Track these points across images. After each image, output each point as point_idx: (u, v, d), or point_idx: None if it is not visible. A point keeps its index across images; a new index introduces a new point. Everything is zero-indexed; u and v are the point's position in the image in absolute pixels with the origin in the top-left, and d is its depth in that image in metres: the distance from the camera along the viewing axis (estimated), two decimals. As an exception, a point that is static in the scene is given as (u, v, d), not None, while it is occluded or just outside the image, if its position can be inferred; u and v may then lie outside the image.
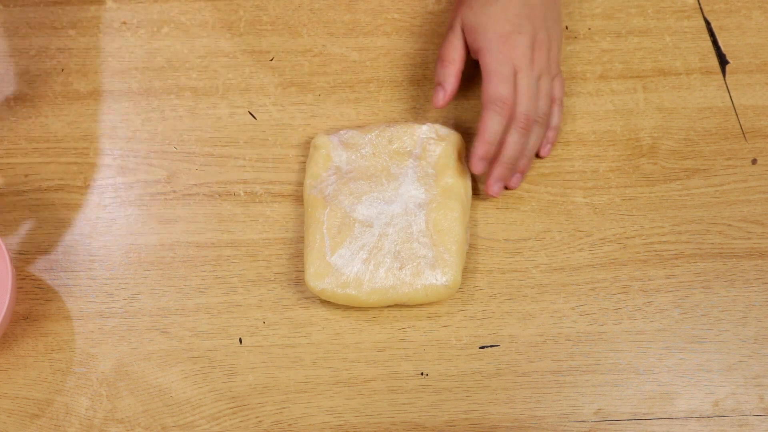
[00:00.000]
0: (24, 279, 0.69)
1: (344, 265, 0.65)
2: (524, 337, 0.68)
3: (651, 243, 0.70)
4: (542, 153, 0.72)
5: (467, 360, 0.67)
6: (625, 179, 0.73)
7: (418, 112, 0.75)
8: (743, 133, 0.75)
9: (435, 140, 0.70)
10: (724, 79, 0.76)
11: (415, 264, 0.65)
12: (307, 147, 0.74)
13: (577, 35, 0.78)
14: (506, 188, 0.71)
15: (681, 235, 0.71)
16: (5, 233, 0.71)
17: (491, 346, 0.68)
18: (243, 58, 0.77)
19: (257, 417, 0.65)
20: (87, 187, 0.73)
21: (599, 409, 0.66)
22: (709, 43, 0.78)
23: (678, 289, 0.69)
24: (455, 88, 0.70)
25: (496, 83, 0.67)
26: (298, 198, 0.72)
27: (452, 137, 0.70)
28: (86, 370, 0.67)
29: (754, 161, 0.74)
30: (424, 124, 0.70)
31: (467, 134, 0.73)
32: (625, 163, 0.73)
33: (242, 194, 0.72)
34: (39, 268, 0.70)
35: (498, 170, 0.69)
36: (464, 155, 0.71)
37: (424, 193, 0.68)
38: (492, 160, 0.69)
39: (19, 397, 0.66)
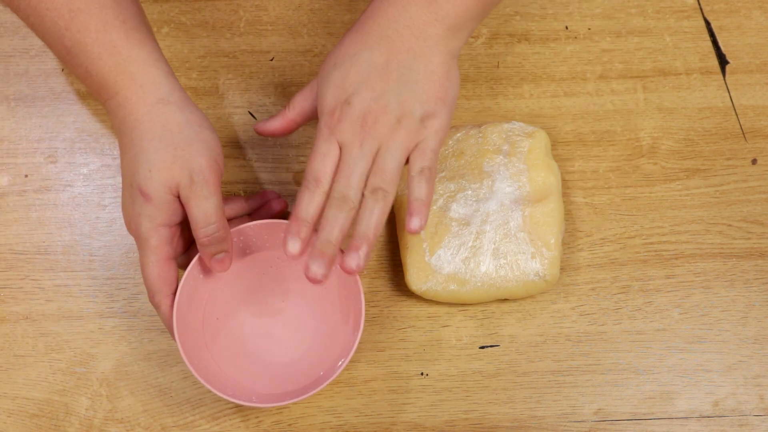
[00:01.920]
0: (24, 279, 0.69)
1: (445, 265, 0.66)
2: (524, 337, 0.68)
3: (651, 243, 0.70)
4: (408, 227, 0.59)
5: (467, 360, 0.67)
6: (625, 179, 0.73)
7: (418, 112, 0.75)
8: (743, 133, 0.75)
9: (522, 136, 0.70)
10: (724, 79, 0.76)
11: (514, 259, 0.66)
12: (306, 147, 0.74)
13: (577, 35, 0.78)
14: (347, 272, 0.58)
15: (681, 235, 0.71)
16: (5, 233, 0.71)
17: (491, 346, 0.68)
18: (243, 58, 0.77)
19: (257, 417, 0.65)
20: (87, 187, 0.73)
21: (599, 409, 0.66)
22: (709, 43, 0.78)
23: (678, 289, 0.69)
24: (276, 129, 0.65)
25: (311, 160, 0.59)
26: (298, 198, 0.72)
27: (538, 133, 0.70)
28: (86, 370, 0.67)
29: (754, 161, 0.74)
30: (509, 122, 0.71)
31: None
32: (625, 163, 0.73)
33: (242, 194, 0.72)
34: (39, 268, 0.70)
35: (313, 250, 0.58)
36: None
37: (518, 188, 0.68)
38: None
39: (19, 397, 0.66)
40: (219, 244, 0.61)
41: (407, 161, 0.60)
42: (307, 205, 0.59)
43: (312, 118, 0.65)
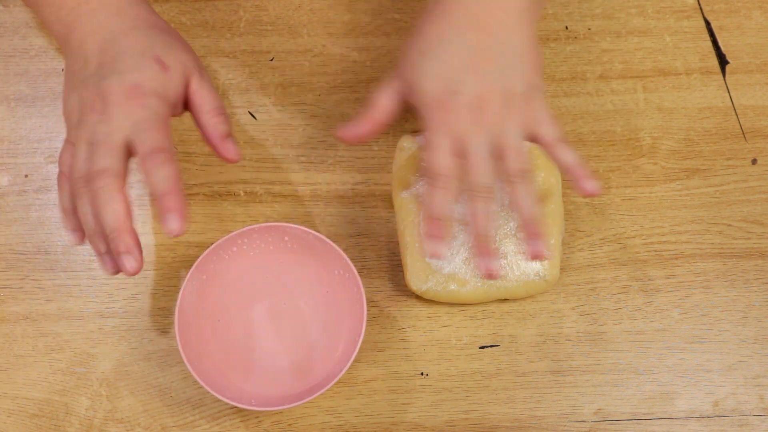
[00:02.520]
0: (24, 279, 0.69)
1: (445, 265, 0.66)
2: (524, 337, 0.68)
3: (651, 243, 0.70)
4: (585, 191, 0.60)
5: (467, 360, 0.67)
6: (625, 179, 0.73)
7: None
8: (743, 133, 0.75)
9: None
10: (724, 79, 0.76)
11: (514, 260, 0.66)
12: (306, 147, 0.74)
13: (577, 35, 0.78)
14: (539, 257, 0.60)
15: (681, 235, 0.71)
16: (5, 233, 0.71)
17: (491, 346, 0.68)
18: (243, 58, 0.77)
19: (257, 417, 0.65)
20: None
21: (599, 409, 0.66)
22: (709, 43, 0.78)
23: (678, 289, 0.69)
24: (365, 133, 0.62)
25: (431, 156, 0.58)
26: (298, 198, 0.72)
27: None
28: (86, 370, 0.67)
29: (754, 161, 0.74)
30: None
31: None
32: (625, 163, 0.73)
33: (242, 194, 0.72)
34: (39, 268, 0.70)
35: (478, 247, 0.59)
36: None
37: None
38: (473, 238, 0.59)
39: (19, 397, 0.66)
40: (227, 124, 0.62)
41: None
42: (441, 203, 0.58)
43: (397, 115, 0.63)
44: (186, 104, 0.63)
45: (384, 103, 0.62)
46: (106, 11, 0.61)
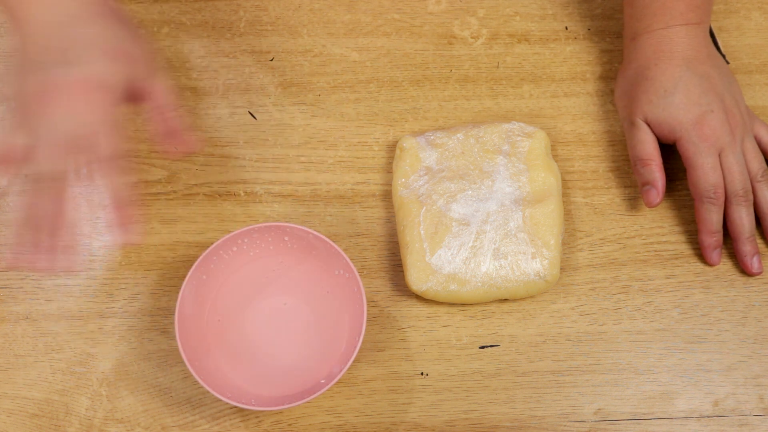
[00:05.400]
0: (24, 279, 0.69)
1: (445, 265, 0.66)
2: (524, 337, 0.68)
3: (651, 243, 0.70)
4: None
5: (467, 360, 0.67)
6: (625, 179, 0.73)
7: (418, 112, 0.75)
8: (743, 134, 0.74)
9: (522, 136, 0.70)
10: (724, 80, 0.76)
11: (515, 260, 0.66)
12: (306, 147, 0.74)
13: (577, 35, 0.78)
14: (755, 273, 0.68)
15: (681, 235, 0.71)
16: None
17: (491, 346, 0.68)
18: (243, 58, 0.77)
19: (257, 417, 0.65)
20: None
21: (599, 409, 0.66)
22: (709, 44, 0.78)
23: (678, 289, 0.69)
24: (664, 183, 0.68)
25: (700, 175, 0.67)
26: (298, 198, 0.72)
27: (538, 133, 0.70)
28: (86, 370, 0.67)
29: (754, 161, 0.74)
30: (509, 122, 0.71)
31: (467, 134, 0.73)
32: (625, 163, 0.73)
33: (242, 194, 0.72)
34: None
35: (747, 247, 0.68)
36: (551, 150, 0.73)
37: (518, 189, 0.68)
38: (737, 241, 0.68)
39: (19, 397, 0.66)
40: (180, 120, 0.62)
41: None
42: (717, 217, 0.67)
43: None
44: (139, 96, 0.61)
45: (654, 155, 0.69)
46: None
